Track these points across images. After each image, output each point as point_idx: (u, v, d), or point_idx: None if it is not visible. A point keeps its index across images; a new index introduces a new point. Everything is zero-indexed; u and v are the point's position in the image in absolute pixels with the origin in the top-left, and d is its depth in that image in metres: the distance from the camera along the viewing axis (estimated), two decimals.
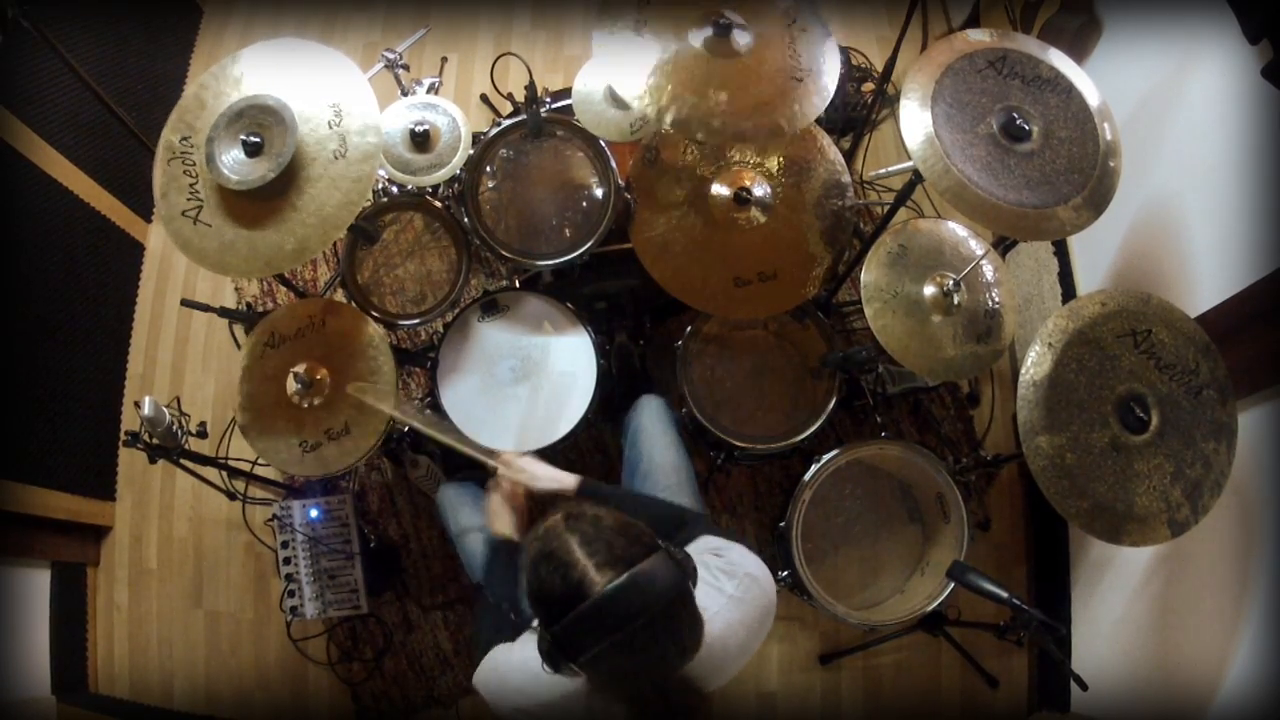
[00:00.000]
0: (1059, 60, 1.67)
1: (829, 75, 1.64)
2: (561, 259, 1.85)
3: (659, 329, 2.41)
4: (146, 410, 1.62)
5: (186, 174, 1.63)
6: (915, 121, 1.58)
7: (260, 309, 2.56)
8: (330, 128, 1.60)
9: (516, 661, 1.23)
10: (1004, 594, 1.60)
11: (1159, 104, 1.94)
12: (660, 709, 1.09)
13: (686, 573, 1.06)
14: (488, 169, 1.95)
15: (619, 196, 1.85)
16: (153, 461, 1.72)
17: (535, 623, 1.07)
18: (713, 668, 1.17)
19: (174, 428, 1.70)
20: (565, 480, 1.57)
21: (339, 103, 1.61)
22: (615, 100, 1.87)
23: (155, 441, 1.68)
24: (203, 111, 1.64)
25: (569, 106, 1.94)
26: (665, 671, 1.07)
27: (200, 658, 2.39)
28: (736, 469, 2.40)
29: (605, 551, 1.00)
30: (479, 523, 1.74)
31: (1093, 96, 1.65)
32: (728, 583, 1.23)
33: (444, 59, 2.83)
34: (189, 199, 1.62)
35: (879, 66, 2.64)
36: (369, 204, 2.00)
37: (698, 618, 1.07)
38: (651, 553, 1.02)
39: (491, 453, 1.65)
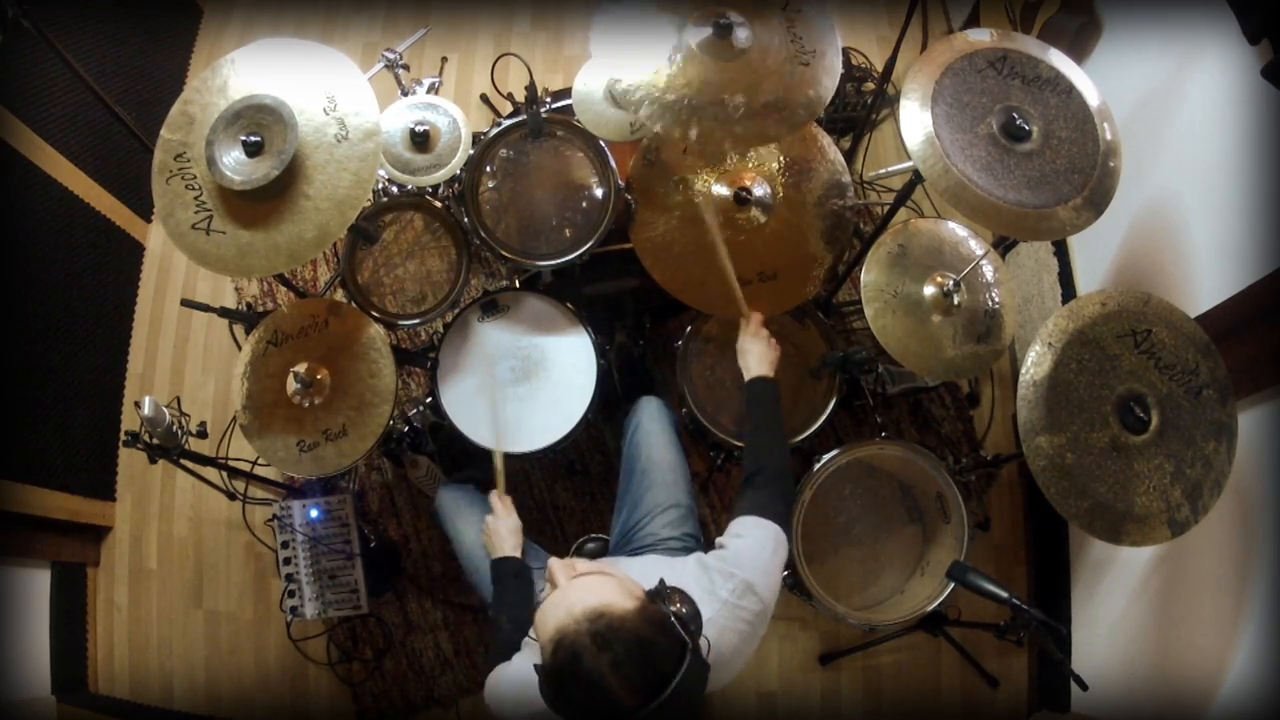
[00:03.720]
0: (1059, 60, 1.67)
1: (832, 52, 1.62)
2: (561, 259, 1.85)
3: (659, 329, 2.41)
4: (146, 410, 1.61)
5: (189, 188, 1.61)
6: (915, 121, 1.57)
7: (260, 309, 2.56)
8: (326, 113, 1.59)
9: (512, 676, 1.28)
10: (1004, 594, 1.60)
11: (1159, 104, 1.94)
12: None
13: (707, 665, 1.06)
14: (488, 169, 1.95)
15: (619, 196, 1.85)
16: (153, 461, 1.72)
17: (531, 632, 1.06)
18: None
19: (174, 428, 1.70)
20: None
21: (330, 88, 1.60)
22: (615, 100, 1.87)
23: (155, 441, 1.68)
24: (192, 125, 1.62)
25: (569, 106, 1.93)
26: None
27: (200, 658, 2.39)
28: (736, 469, 2.40)
29: (638, 674, 0.98)
30: (479, 527, 1.74)
31: (1093, 96, 1.65)
32: (723, 586, 1.24)
33: (444, 59, 2.83)
34: (196, 211, 1.60)
35: (879, 66, 2.64)
36: (369, 204, 2.00)
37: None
38: (681, 661, 1.00)
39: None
